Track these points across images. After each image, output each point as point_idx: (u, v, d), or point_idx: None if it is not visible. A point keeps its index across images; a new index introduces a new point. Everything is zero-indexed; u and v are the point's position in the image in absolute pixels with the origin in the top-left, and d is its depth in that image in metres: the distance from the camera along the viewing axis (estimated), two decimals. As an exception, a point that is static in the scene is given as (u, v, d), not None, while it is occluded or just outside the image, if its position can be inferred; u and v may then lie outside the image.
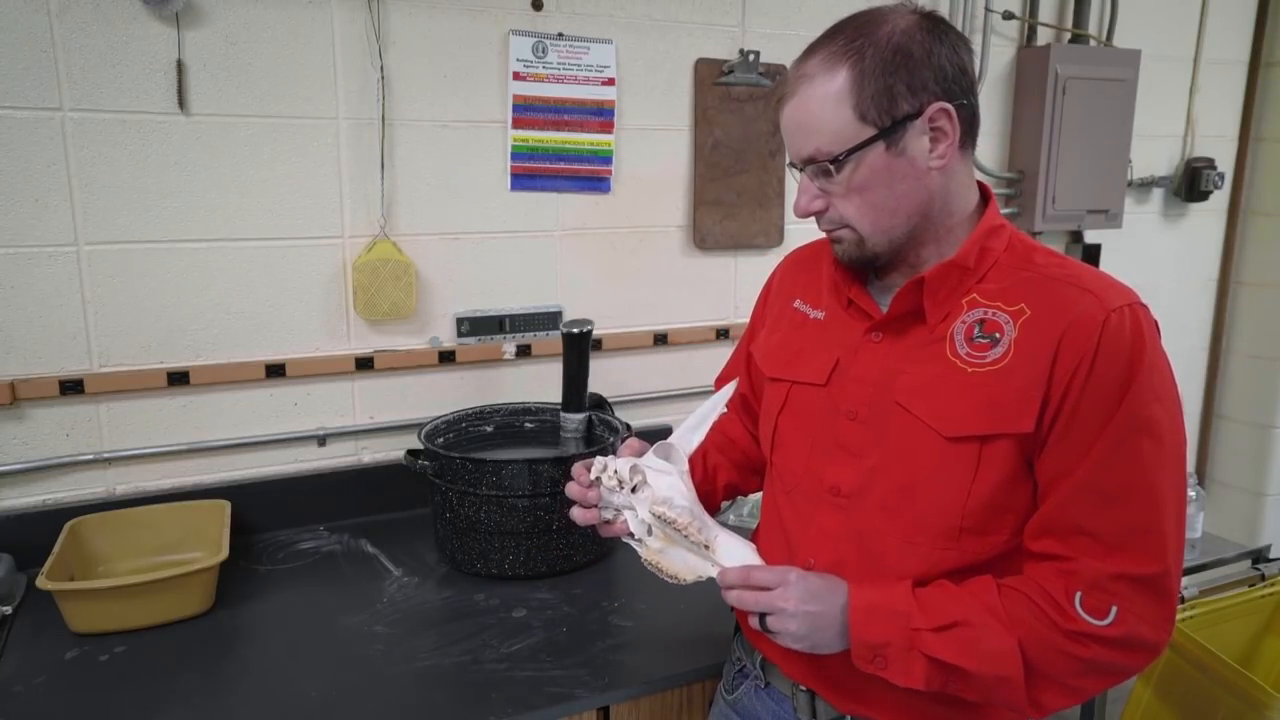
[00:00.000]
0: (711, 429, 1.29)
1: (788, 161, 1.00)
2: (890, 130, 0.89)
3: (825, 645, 0.91)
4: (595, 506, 1.06)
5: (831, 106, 0.89)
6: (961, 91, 0.91)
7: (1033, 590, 0.88)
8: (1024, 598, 0.88)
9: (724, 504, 1.29)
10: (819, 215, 0.97)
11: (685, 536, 0.99)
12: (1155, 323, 0.90)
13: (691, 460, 1.21)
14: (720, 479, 1.22)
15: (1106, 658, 0.87)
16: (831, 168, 0.91)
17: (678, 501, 1.01)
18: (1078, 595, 0.86)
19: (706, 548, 0.99)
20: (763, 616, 0.92)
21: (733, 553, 0.99)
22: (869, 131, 0.89)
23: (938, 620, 0.88)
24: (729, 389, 1.08)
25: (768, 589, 0.92)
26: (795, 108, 0.93)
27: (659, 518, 0.99)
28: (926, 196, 0.93)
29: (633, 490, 1.02)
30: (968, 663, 0.87)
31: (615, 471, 1.04)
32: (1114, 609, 0.85)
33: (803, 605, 0.90)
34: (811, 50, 0.93)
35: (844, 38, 0.90)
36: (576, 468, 1.09)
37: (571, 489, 1.08)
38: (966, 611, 0.88)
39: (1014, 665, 0.87)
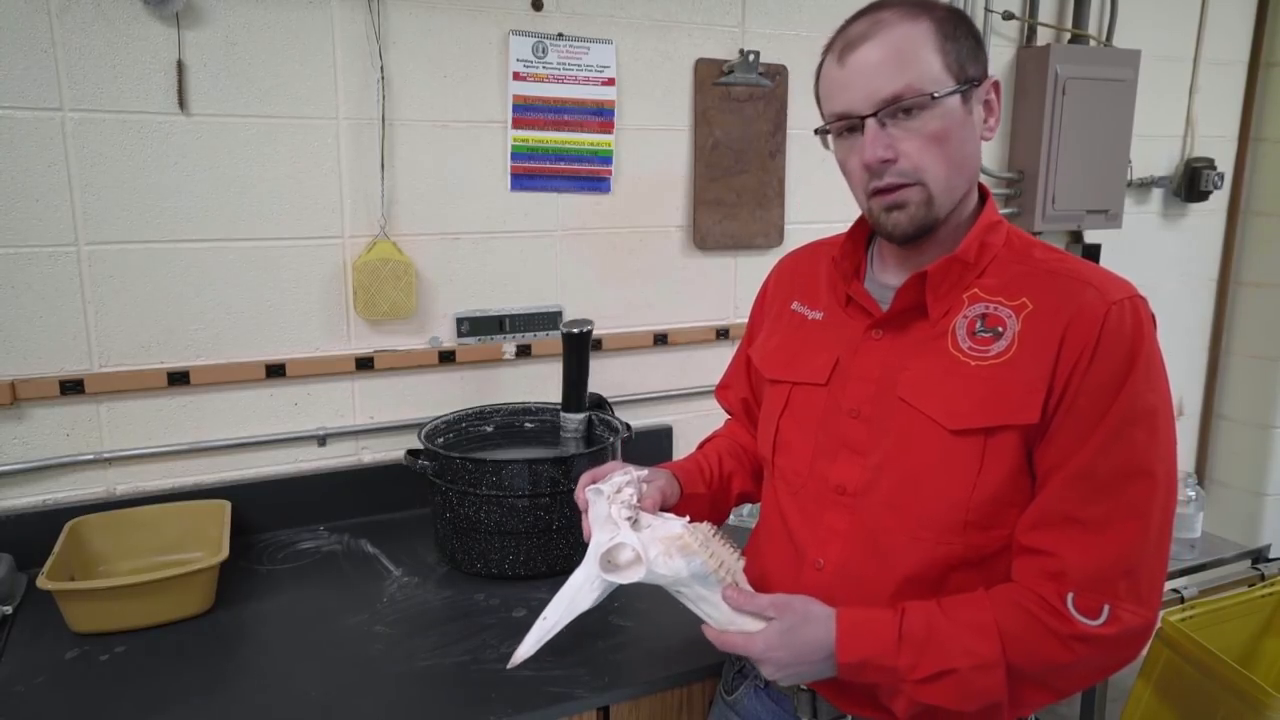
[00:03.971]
0: (724, 435, 1.29)
1: (828, 123, 0.95)
2: (965, 86, 0.91)
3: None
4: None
5: (924, 46, 0.89)
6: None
7: (1028, 598, 0.89)
8: (1019, 608, 0.89)
9: (732, 510, 1.29)
10: (884, 168, 0.92)
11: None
12: (1153, 315, 0.91)
13: (707, 464, 1.20)
14: (734, 487, 1.22)
15: (1097, 658, 0.88)
16: (930, 101, 0.88)
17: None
18: (1069, 596, 0.87)
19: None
20: None
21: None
22: (951, 82, 0.90)
23: (926, 670, 0.88)
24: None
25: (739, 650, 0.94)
26: (877, 46, 0.89)
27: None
28: (978, 165, 0.96)
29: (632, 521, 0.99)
30: (953, 704, 0.89)
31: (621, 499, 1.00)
32: (1106, 608, 0.86)
33: (779, 673, 0.93)
34: (879, 5, 0.93)
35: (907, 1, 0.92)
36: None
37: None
38: (955, 656, 0.88)
39: (1000, 694, 0.88)
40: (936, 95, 0.88)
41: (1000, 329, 0.91)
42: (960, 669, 0.87)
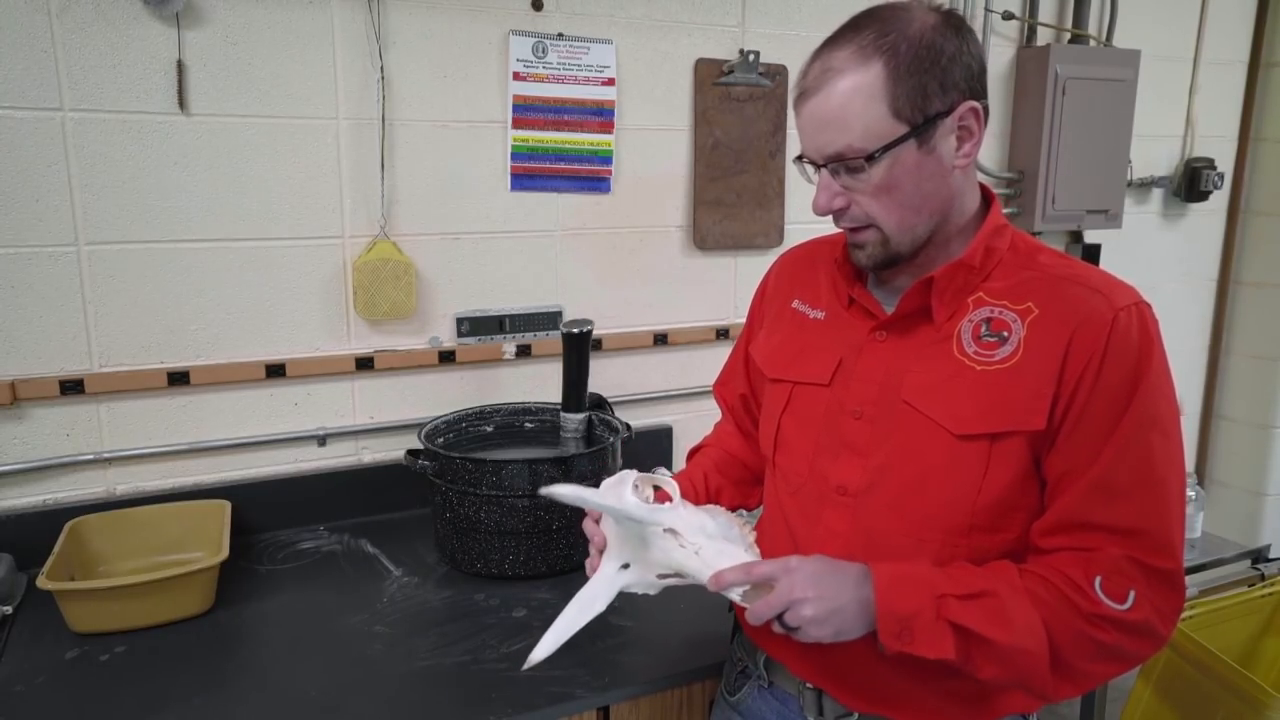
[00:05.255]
0: (712, 444, 1.29)
1: (796, 157, 0.97)
2: (922, 128, 0.88)
3: (848, 630, 0.87)
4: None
5: (865, 101, 0.87)
6: (983, 90, 0.92)
7: (1053, 574, 0.89)
8: (1044, 580, 0.88)
9: None
10: (839, 214, 0.95)
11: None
12: (1157, 321, 0.91)
13: (693, 483, 1.19)
14: (723, 502, 1.21)
15: (1122, 643, 0.87)
16: (865, 164, 0.89)
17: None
18: (1097, 579, 0.87)
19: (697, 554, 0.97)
20: (779, 616, 0.88)
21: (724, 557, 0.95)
22: (902, 129, 0.88)
23: (965, 588, 0.87)
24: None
25: (772, 581, 0.88)
26: (822, 102, 0.89)
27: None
28: (949, 194, 0.93)
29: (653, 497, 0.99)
30: (995, 633, 0.85)
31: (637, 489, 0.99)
32: (1132, 593, 0.86)
33: (813, 589, 0.86)
34: (836, 43, 0.90)
35: (872, 32, 0.88)
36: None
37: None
38: (993, 583, 0.88)
39: (1039, 639, 0.86)
40: (876, 155, 0.88)
41: (1005, 333, 0.91)
42: (999, 592, 0.86)
